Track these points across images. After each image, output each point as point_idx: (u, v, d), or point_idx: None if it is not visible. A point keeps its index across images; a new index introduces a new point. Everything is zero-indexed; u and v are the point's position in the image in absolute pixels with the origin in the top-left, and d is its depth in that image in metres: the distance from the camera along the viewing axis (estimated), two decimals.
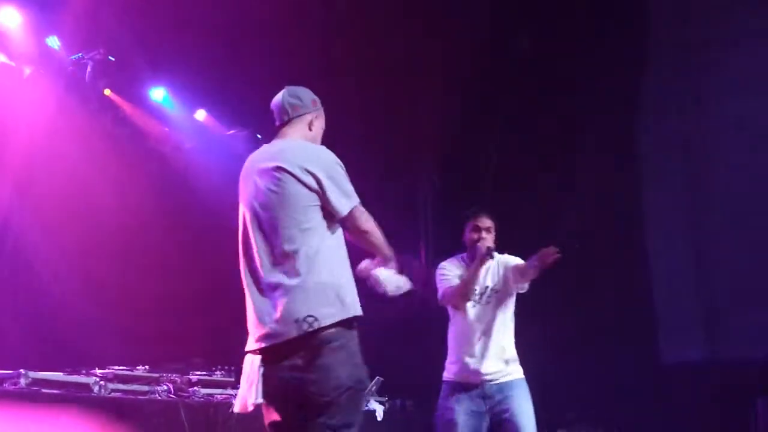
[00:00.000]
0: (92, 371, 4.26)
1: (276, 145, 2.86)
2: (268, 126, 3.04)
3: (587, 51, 7.42)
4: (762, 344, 7.01)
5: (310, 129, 2.94)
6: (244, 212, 2.79)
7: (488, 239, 3.89)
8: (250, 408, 2.60)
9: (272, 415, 2.65)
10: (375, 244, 2.86)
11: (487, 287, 3.92)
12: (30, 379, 3.75)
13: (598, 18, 7.36)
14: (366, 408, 5.88)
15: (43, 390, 3.74)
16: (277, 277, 2.59)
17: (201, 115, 7.59)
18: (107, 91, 6.85)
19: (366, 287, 2.97)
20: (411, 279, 3.11)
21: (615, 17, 7.48)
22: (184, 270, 6.55)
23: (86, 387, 4.00)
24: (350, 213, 2.70)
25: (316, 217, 2.65)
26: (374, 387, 6.15)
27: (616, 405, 6.57)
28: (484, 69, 7.45)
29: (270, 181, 2.69)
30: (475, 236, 3.90)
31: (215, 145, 7.67)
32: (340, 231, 2.76)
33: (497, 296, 3.91)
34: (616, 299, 7.08)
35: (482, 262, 3.80)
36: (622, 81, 7.54)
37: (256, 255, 2.66)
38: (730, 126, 7.31)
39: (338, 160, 2.77)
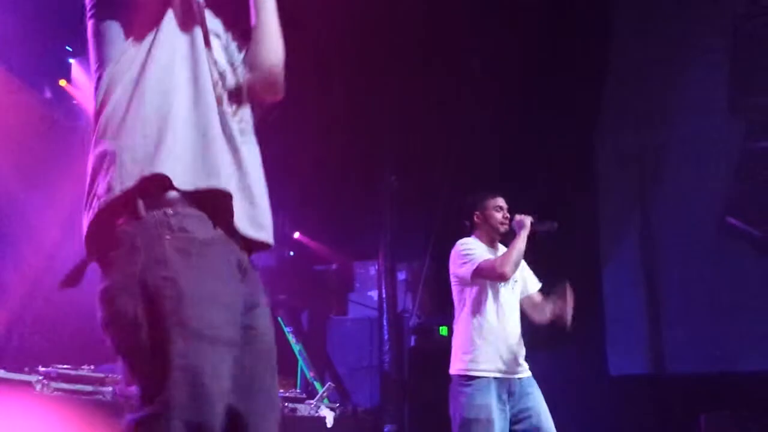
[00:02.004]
0: (35, 369, 4.13)
1: None
2: None
3: (546, 65, 7.53)
4: (706, 360, 7.18)
5: None
6: None
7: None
8: None
9: None
10: None
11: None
12: None
13: (558, 33, 7.48)
14: (317, 414, 5.85)
15: None
16: None
17: None
18: (62, 82, 6.70)
19: None
20: None
21: (574, 34, 7.61)
22: None
23: (28, 385, 3.88)
24: None
25: None
26: (325, 393, 6.12)
27: (565, 416, 6.64)
28: (441, 78, 7.52)
29: None
30: (501, 215, 3.71)
31: None
32: None
33: (516, 285, 3.74)
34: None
35: (529, 232, 3.59)
36: (581, 96, 7.67)
37: None
38: (683, 142, 7.49)
39: None
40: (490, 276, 3.53)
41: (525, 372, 3.63)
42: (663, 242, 7.50)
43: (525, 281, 3.81)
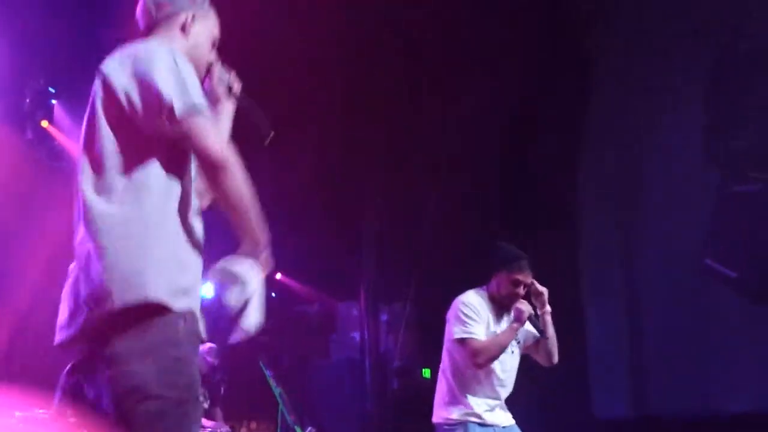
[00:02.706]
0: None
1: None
2: None
3: (528, 109, 7.65)
4: (690, 403, 7.17)
5: (183, 32, 2.02)
6: None
7: (524, 301, 3.65)
8: None
9: None
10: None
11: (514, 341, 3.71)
12: None
13: (540, 77, 7.61)
14: None
15: None
16: None
17: None
18: (44, 123, 6.68)
19: None
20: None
21: (556, 77, 7.74)
22: None
23: None
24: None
25: None
26: None
27: None
28: (424, 119, 7.60)
29: None
30: (516, 291, 3.62)
31: None
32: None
33: (518, 347, 3.77)
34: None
35: (520, 326, 3.61)
36: (561, 139, 7.78)
37: None
38: (661, 185, 7.58)
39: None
40: (467, 357, 3.55)
41: (508, 420, 3.67)
42: (644, 284, 7.54)
43: (527, 337, 3.80)
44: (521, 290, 3.65)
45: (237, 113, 2.17)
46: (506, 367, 3.68)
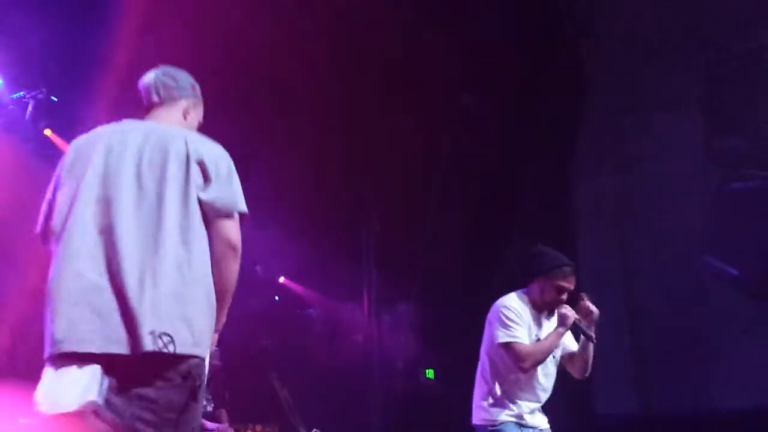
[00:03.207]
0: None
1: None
2: None
3: (527, 112, 7.70)
4: (690, 399, 7.20)
5: (185, 118, 2.44)
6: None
7: (567, 306, 3.66)
8: None
9: None
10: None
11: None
12: None
13: (538, 82, 7.67)
14: None
15: None
16: None
17: None
18: (47, 131, 6.72)
19: None
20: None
21: (554, 76, 7.80)
22: None
23: None
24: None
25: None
26: None
27: None
28: (425, 123, 7.66)
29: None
30: (560, 297, 3.62)
31: None
32: None
33: (559, 353, 3.83)
34: None
35: (566, 331, 3.64)
36: (560, 141, 7.83)
37: None
38: (660, 184, 7.63)
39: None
40: (514, 361, 3.56)
41: (545, 423, 3.73)
42: (644, 282, 7.58)
43: (565, 346, 3.85)
44: (565, 296, 3.64)
45: None
46: (548, 371, 3.72)
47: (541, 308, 3.69)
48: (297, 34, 6.53)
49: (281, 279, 9.46)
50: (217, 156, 2.25)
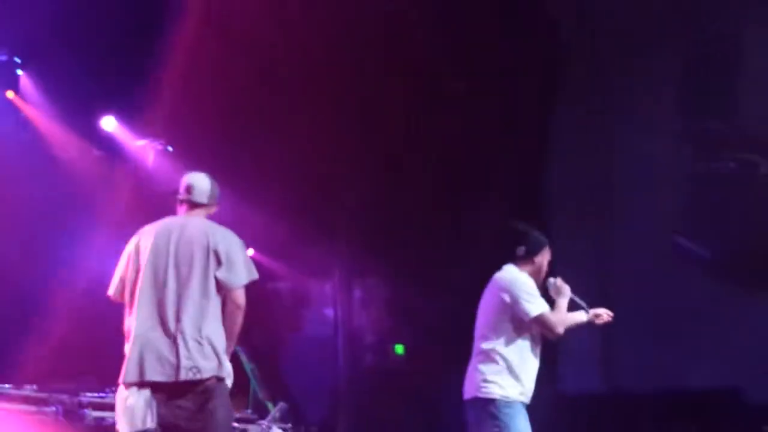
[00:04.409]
0: None
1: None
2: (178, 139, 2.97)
3: (503, 93, 7.67)
4: (656, 378, 7.33)
5: (208, 212, 3.54)
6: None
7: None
8: None
9: None
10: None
11: None
12: None
13: (516, 63, 7.63)
14: None
15: None
16: None
17: (109, 122, 7.25)
18: (10, 94, 6.53)
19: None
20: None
21: (531, 55, 7.76)
22: (76, 282, 6.30)
23: None
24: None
25: None
26: (277, 414, 6.02)
27: None
28: (401, 100, 7.63)
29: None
30: (546, 269, 3.98)
31: (124, 154, 7.41)
32: None
33: None
34: None
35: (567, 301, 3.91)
36: (535, 122, 7.83)
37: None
38: (634, 165, 7.67)
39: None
40: (547, 330, 3.78)
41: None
42: (614, 263, 7.65)
43: None
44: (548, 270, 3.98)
45: None
46: (540, 343, 3.86)
47: (536, 280, 3.91)
48: (287, 17, 6.50)
49: (250, 252, 9.37)
50: (228, 245, 3.33)
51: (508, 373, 3.70)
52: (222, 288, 3.28)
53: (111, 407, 4.57)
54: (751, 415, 6.30)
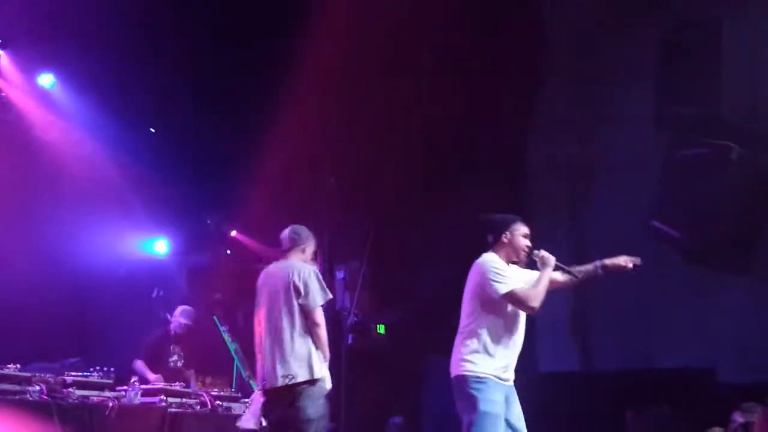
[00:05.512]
0: None
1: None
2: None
3: (485, 76, 7.71)
4: (631, 358, 7.47)
5: (303, 253, 4.50)
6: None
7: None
8: None
9: None
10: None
11: None
12: None
13: (495, 43, 7.66)
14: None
15: None
16: None
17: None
18: None
19: None
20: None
21: (512, 42, 7.80)
22: (59, 263, 6.29)
23: None
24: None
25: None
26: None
27: None
28: (384, 82, 7.64)
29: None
30: (525, 243, 3.98)
31: (105, 136, 7.39)
32: None
33: None
34: None
35: (550, 270, 3.92)
36: (516, 106, 7.88)
37: None
38: (612, 151, 7.76)
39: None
40: (521, 305, 3.85)
41: (512, 380, 3.92)
42: (592, 245, 7.75)
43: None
44: (529, 243, 3.98)
45: None
46: (521, 327, 3.94)
47: (512, 259, 3.99)
48: None
49: (233, 233, 9.38)
50: (305, 278, 4.28)
51: (483, 352, 3.80)
52: (303, 311, 4.22)
53: (94, 386, 4.64)
54: (724, 396, 6.44)
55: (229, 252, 9.51)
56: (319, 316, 4.24)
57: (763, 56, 6.89)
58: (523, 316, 3.93)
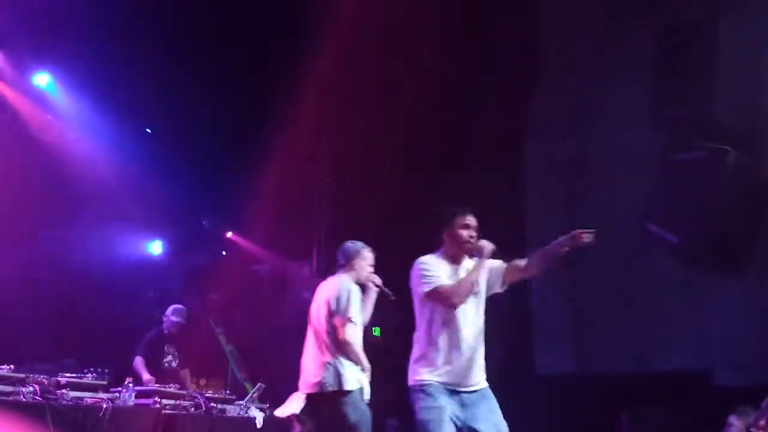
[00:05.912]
0: None
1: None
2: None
3: (481, 74, 7.70)
4: (627, 360, 7.47)
5: (353, 269, 4.64)
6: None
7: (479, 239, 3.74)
8: None
9: None
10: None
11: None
12: None
13: (494, 42, 7.65)
14: (246, 415, 5.81)
15: None
16: None
17: None
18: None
19: None
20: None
21: (511, 42, 7.79)
22: (54, 264, 6.27)
23: None
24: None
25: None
26: (255, 394, 6.08)
27: None
28: (380, 83, 7.63)
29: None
30: (467, 234, 3.73)
31: (101, 136, 7.37)
32: None
33: (476, 298, 3.76)
34: (497, 311, 7.34)
35: (485, 261, 3.72)
36: (512, 103, 7.87)
37: None
38: (608, 152, 7.76)
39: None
40: (441, 302, 3.65)
41: (479, 384, 3.71)
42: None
43: (491, 286, 3.84)
44: (473, 233, 3.75)
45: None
46: (470, 325, 3.69)
47: (458, 254, 3.78)
48: None
49: (229, 234, 9.37)
50: (339, 290, 4.43)
51: (422, 359, 3.65)
52: (333, 327, 4.37)
53: (88, 388, 4.62)
54: (718, 398, 6.44)
55: (224, 253, 9.50)
56: (348, 334, 4.33)
57: (760, 57, 6.90)
58: (472, 314, 3.70)
